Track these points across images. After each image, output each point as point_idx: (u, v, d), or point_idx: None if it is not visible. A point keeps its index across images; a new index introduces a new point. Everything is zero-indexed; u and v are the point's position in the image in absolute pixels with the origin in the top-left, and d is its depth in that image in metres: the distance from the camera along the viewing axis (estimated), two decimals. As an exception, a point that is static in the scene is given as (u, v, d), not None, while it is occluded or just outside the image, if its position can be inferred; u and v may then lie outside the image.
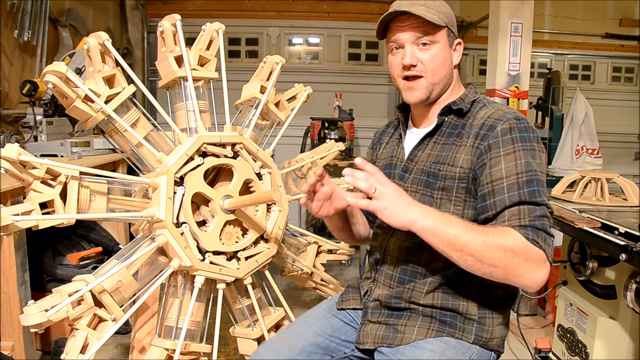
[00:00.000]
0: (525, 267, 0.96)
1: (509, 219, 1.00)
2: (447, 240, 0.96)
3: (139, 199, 1.30)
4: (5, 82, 2.95)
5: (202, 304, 1.38)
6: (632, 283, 1.53)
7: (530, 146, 1.04)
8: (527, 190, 1.00)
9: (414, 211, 0.97)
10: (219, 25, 1.43)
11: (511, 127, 1.05)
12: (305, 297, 3.10)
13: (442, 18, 1.10)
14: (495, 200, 1.02)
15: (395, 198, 0.97)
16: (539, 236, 0.98)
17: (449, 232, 0.96)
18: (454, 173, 1.08)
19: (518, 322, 2.05)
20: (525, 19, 3.00)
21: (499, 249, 0.95)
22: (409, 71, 1.12)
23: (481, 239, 0.96)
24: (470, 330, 1.11)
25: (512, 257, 0.95)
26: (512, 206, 1.00)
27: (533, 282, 0.97)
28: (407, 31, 1.11)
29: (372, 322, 1.17)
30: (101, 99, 1.25)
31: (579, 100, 3.81)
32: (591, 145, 3.80)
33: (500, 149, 1.04)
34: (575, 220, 1.66)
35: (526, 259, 0.96)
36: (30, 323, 1.08)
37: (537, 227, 0.98)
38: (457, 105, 1.14)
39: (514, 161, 1.02)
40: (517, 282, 0.98)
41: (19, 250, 1.81)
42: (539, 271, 0.97)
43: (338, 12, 4.67)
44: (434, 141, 1.15)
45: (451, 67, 1.15)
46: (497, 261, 0.95)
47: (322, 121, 3.89)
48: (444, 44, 1.12)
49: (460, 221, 0.99)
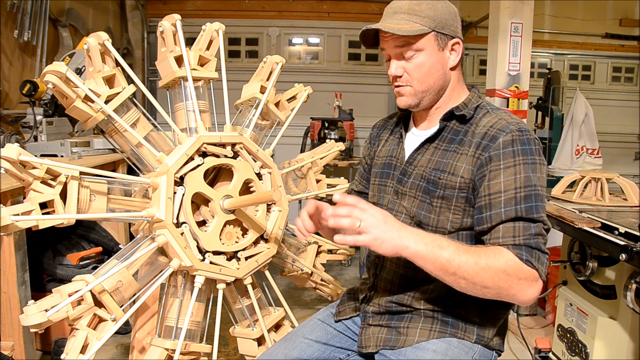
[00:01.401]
0: (517, 287, 0.97)
1: (502, 235, 1.00)
2: (440, 265, 0.96)
3: (139, 199, 1.30)
4: (5, 82, 2.94)
5: (202, 304, 1.38)
6: (632, 283, 1.53)
7: (532, 159, 1.02)
8: (524, 205, 1.00)
9: (404, 237, 0.96)
10: (219, 25, 1.43)
11: (513, 139, 1.03)
12: (305, 297, 3.09)
13: (426, 23, 1.06)
14: (492, 214, 1.02)
15: (384, 225, 0.95)
16: (533, 255, 0.98)
17: (441, 255, 0.96)
18: (455, 182, 1.07)
19: (518, 322, 2.05)
20: (525, 19, 2.99)
21: (492, 271, 0.95)
22: (396, 82, 1.13)
23: (474, 261, 0.95)
24: (472, 330, 1.11)
25: (504, 278, 0.96)
26: (507, 221, 1.00)
27: (525, 298, 0.99)
28: (390, 43, 1.10)
29: (373, 326, 1.17)
30: (101, 99, 1.25)
31: (579, 100, 3.81)
32: (591, 145, 3.80)
33: (501, 161, 1.02)
34: (575, 220, 1.66)
35: (519, 279, 0.96)
36: (30, 323, 1.08)
37: (531, 246, 0.98)
38: (460, 111, 1.11)
39: (514, 175, 1.01)
40: (509, 299, 1.00)
41: (19, 250, 1.81)
42: (531, 289, 0.98)
43: (338, 12, 4.67)
44: (434, 146, 1.13)
45: (443, 72, 1.11)
46: (490, 282, 0.96)
47: (322, 121, 3.89)
48: (430, 50, 1.08)
49: (451, 243, 0.98)
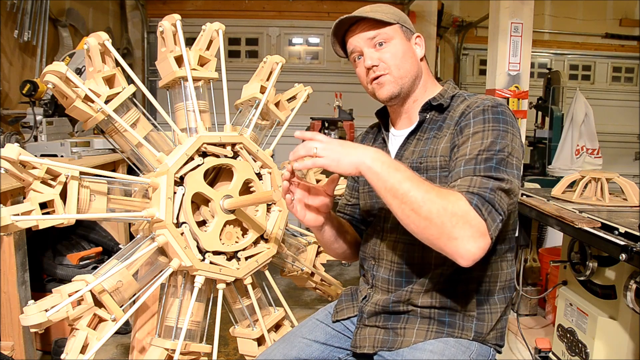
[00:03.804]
0: (461, 230, 0.89)
1: (459, 184, 0.96)
2: (390, 185, 0.92)
3: (139, 199, 1.30)
4: (5, 82, 2.95)
5: (202, 304, 1.38)
6: (632, 283, 1.53)
7: (503, 128, 1.01)
8: (483, 166, 0.96)
9: (360, 153, 0.94)
10: (219, 25, 1.43)
11: (485, 109, 1.04)
12: (305, 297, 3.09)
13: (391, 17, 1.13)
14: (452, 174, 1.00)
15: (340, 147, 0.96)
16: (484, 206, 0.92)
17: (394, 176, 0.92)
18: (435, 163, 1.09)
19: (518, 322, 2.05)
20: (525, 19, 2.99)
21: (439, 205, 0.89)
22: (374, 72, 1.14)
23: (424, 190, 0.91)
24: (469, 327, 1.11)
25: (450, 216, 0.89)
26: (464, 177, 0.97)
27: (465, 251, 0.89)
28: (360, 35, 1.14)
29: (369, 326, 1.17)
30: (101, 99, 1.25)
31: (579, 100, 3.81)
32: (591, 145, 3.80)
33: (471, 128, 1.03)
34: (575, 220, 1.66)
35: (464, 222, 0.89)
36: (30, 323, 1.08)
37: (485, 198, 0.92)
38: (437, 101, 1.15)
39: (480, 140, 1.00)
40: (449, 246, 0.90)
41: (19, 250, 1.81)
42: (474, 242, 0.89)
43: (338, 12, 4.65)
44: (417, 138, 1.16)
45: (416, 60, 1.16)
46: (435, 215, 0.89)
47: (322, 121, 3.89)
48: (400, 39, 1.14)
49: (410, 171, 0.95)
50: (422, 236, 0.93)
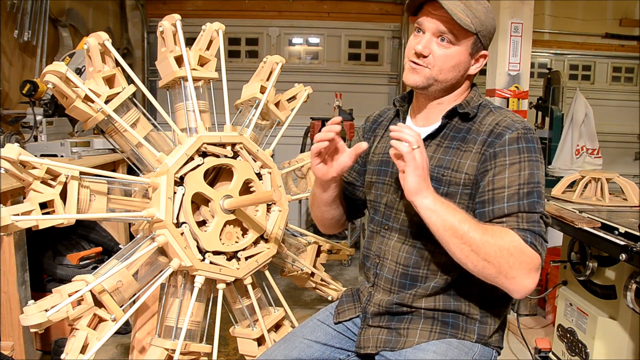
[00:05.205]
0: (518, 269, 0.96)
1: (506, 222, 1.00)
2: (450, 224, 0.96)
3: (139, 199, 1.30)
4: (5, 82, 2.94)
5: (202, 304, 1.38)
6: (632, 283, 1.53)
7: (535, 157, 1.04)
8: (527, 201, 1.00)
9: (428, 186, 0.98)
10: (219, 25, 1.43)
11: (519, 136, 1.04)
12: (305, 297, 3.09)
13: (475, 24, 1.05)
14: (494, 208, 1.02)
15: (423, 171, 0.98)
16: (537, 240, 0.98)
17: (454, 216, 0.96)
18: (459, 179, 1.07)
19: (518, 322, 2.05)
20: (525, 19, 2.99)
21: (496, 246, 0.95)
22: (418, 58, 1.09)
23: (482, 231, 0.96)
24: (472, 330, 1.11)
25: (507, 257, 0.95)
26: (510, 215, 1.01)
27: (522, 287, 0.98)
28: (434, 21, 1.06)
29: (373, 327, 1.17)
30: (101, 99, 1.25)
31: (579, 100, 3.80)
32: (591, 145, 3.79)
33: (507, 157, 1.03)
34: (575, 220, 1.66)
35: (520, 262, 0.96)
36: (30, 323, 1.08)
37: (535, 232, 0.99)
38: (463, 109, 1.11)
39: (518, 172, 1.02)
40: (506, 284, 0.98)
41: (19, 250, 1.81)
42: (529, 278, 0.97)
43: (338, 12, 4.67)
44: (436, 143, 1.13)
45: (462, 74, 1.11)
46: (493, 257, 0.95)
47: (322, 121, 3.88)
48: (464, 49, 1.08)
49: (464, 212, 1.00)
50: (480, 274, 0.99)
